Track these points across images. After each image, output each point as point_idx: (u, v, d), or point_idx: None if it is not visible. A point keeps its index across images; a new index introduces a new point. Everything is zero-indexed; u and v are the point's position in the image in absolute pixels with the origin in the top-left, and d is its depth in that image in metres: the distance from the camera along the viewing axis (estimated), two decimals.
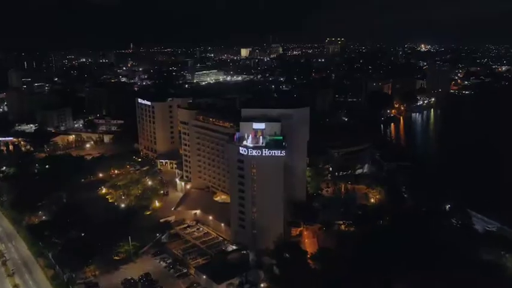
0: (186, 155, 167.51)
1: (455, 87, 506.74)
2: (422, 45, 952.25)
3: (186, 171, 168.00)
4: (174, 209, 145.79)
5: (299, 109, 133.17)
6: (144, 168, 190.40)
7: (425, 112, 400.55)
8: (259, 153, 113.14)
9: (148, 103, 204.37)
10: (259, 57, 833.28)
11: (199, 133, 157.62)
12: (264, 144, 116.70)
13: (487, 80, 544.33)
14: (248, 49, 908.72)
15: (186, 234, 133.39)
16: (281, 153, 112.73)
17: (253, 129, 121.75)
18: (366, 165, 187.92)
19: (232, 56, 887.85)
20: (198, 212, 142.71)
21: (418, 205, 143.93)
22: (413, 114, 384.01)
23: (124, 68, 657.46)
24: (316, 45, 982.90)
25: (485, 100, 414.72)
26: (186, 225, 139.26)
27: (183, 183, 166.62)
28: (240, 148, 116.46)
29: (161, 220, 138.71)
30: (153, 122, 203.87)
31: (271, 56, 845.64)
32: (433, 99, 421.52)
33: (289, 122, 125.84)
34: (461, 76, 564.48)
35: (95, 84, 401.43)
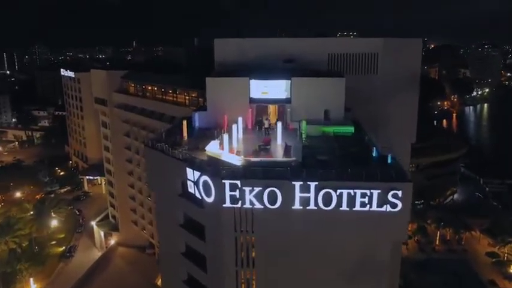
0: (108, 172, 78.88)
1: (502, 78, 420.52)
2: (432, 45, 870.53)
3: (112, 205, 79.32)
4: None
5: (397, 40, 42.86)
6: (63, 190, 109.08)
7: (478, 106, 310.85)
8: (277, 204, 24.13)
9: (72, 74, 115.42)
10: None
11: (130, 122, 69.11)
12: (297, 159, 25.87)
13: None
14: None
15: None
16: (390, 204, 22.59)
17: (251, 100, 33.93)
18: None
19: None
20: None
21: None
22: (466, 108, 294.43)
23: None
24: None
25: None
26: None
27: (102, 233, 77.46)
28: (188, 172, 26.50)
29: None
30: (81, 109, 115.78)
31: None
32: (486, 89, 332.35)
33: (366, 81, 38.01)
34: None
35: (45, 67, 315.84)
